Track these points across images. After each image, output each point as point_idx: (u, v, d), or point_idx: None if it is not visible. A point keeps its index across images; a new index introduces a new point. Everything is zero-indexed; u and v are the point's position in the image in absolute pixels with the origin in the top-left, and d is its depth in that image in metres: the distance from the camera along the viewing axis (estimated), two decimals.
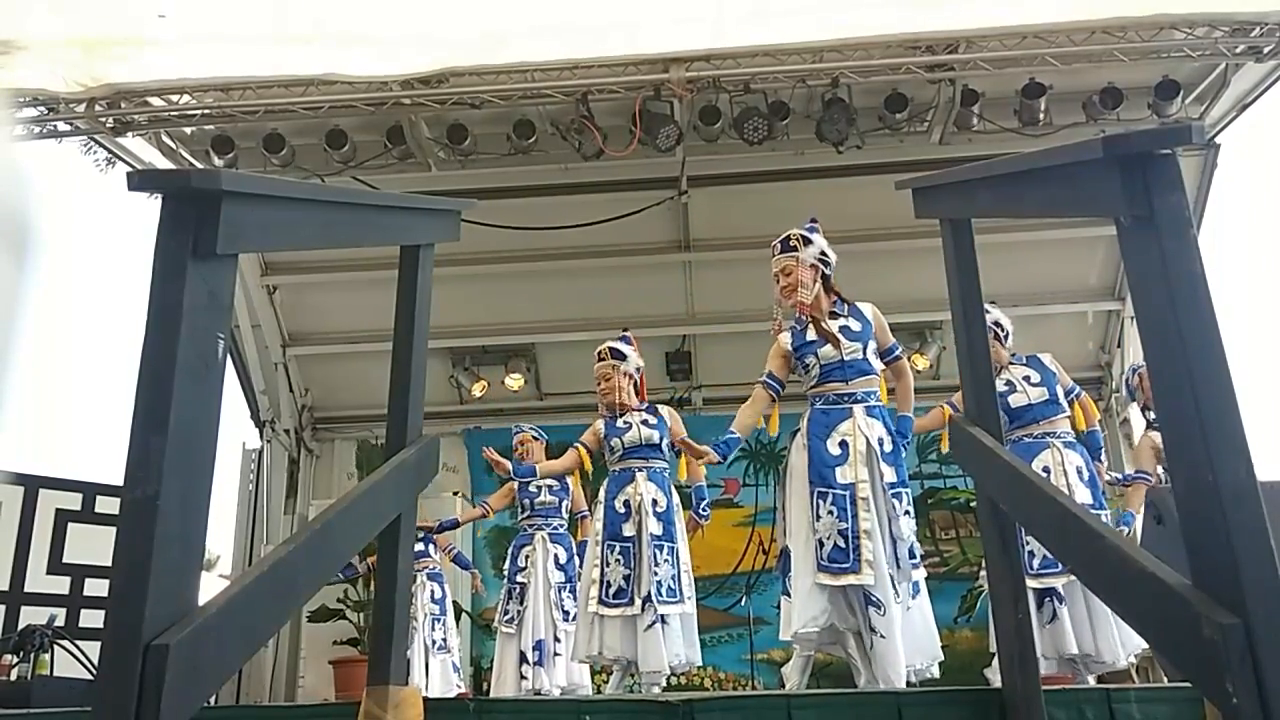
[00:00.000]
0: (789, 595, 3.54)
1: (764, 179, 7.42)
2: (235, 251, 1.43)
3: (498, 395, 8.31)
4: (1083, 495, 4.03)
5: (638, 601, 4.22)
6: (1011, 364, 4.40)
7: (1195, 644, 1.20)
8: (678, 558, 4.35)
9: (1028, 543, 3.74)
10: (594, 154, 6.39)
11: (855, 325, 3.74)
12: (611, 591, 4.31)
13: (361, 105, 6.03)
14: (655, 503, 4.41)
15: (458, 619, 6.81)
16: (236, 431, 8.33)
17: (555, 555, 5.44)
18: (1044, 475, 3.96)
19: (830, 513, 3.43)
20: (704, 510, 4.62)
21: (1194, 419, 1.25)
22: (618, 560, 4.34)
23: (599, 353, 4.82)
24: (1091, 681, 3.77)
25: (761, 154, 6.84)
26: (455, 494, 7.63)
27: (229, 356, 1.42)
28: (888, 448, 3.56)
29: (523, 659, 5.18)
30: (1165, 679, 4.15)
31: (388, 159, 6.70)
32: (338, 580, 6.33)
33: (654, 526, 4.34)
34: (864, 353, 3.68)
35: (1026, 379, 4.33)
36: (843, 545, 3.37)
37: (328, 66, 5.51)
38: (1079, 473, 4.11)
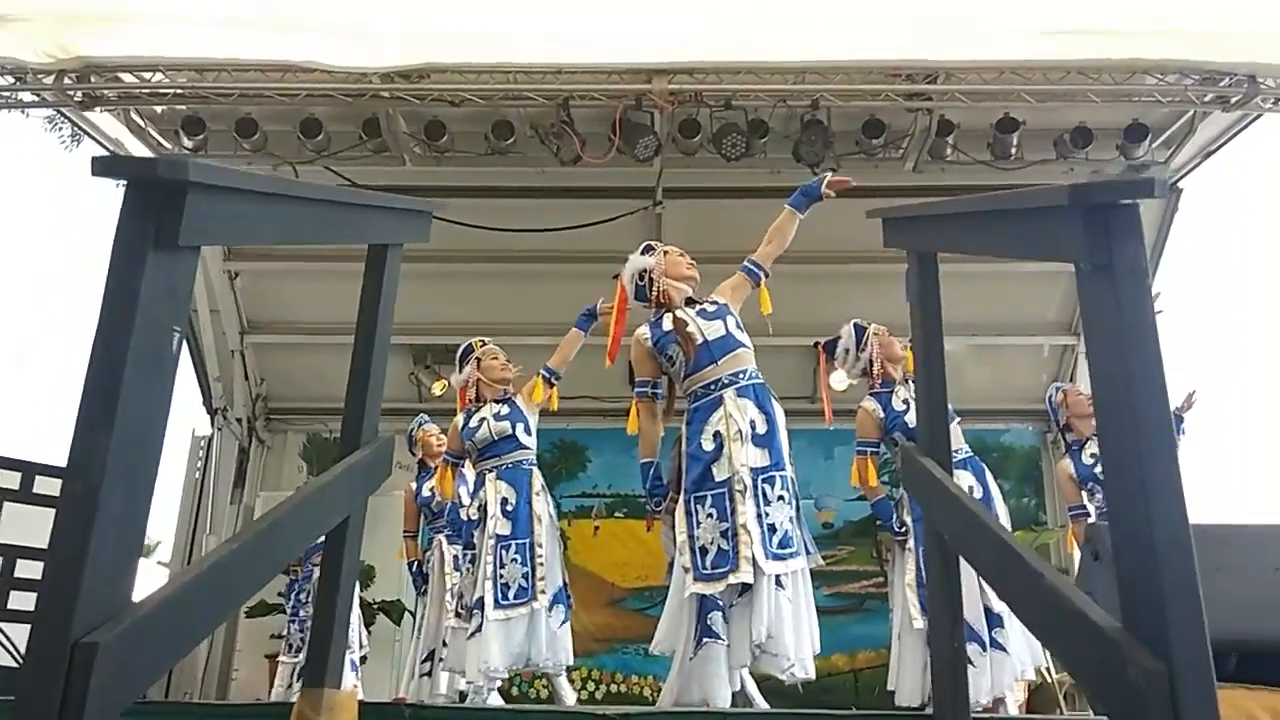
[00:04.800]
0: None
1: (739, 195, 7.44)
2: (199, 244, 1.42)
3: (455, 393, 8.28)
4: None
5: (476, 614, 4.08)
6: (914, 380, 4.43)
7: (1120, 687, 1.23)
8: (531, 555, 4.19)
9: None
10: (571, 160, 6.40)
11: (711, 307, 3.73)
12: (461, 603, 4.29)
13: (339, 95, 5.98)
14: (505, 501, 4.29)
15: (399, 619, 6.76)
16: (186, 417, 8.22)
17: (456, 557, 5.26)
18: None
19: (710, 515, 3.33)
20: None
21: (1135, 468, 1.28)
22: (468, 569, 4.31)
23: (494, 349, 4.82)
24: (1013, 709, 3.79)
25: (738, 170, 6.89)
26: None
27: (184, 342, 1.40)
28: (760, 429, 3.46)
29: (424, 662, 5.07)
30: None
31: (362, 151, 6.66)
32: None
33: (501, 526, 4.22)
34: (726, 328, 3.64)
35: (906, 401, 4.35)
36: (725, 547, 3.26)
37: (307, 54, 5.46)
38: (970, 492, 4.08)
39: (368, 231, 2.18)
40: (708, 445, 3.42)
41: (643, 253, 4.05)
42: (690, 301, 3.81)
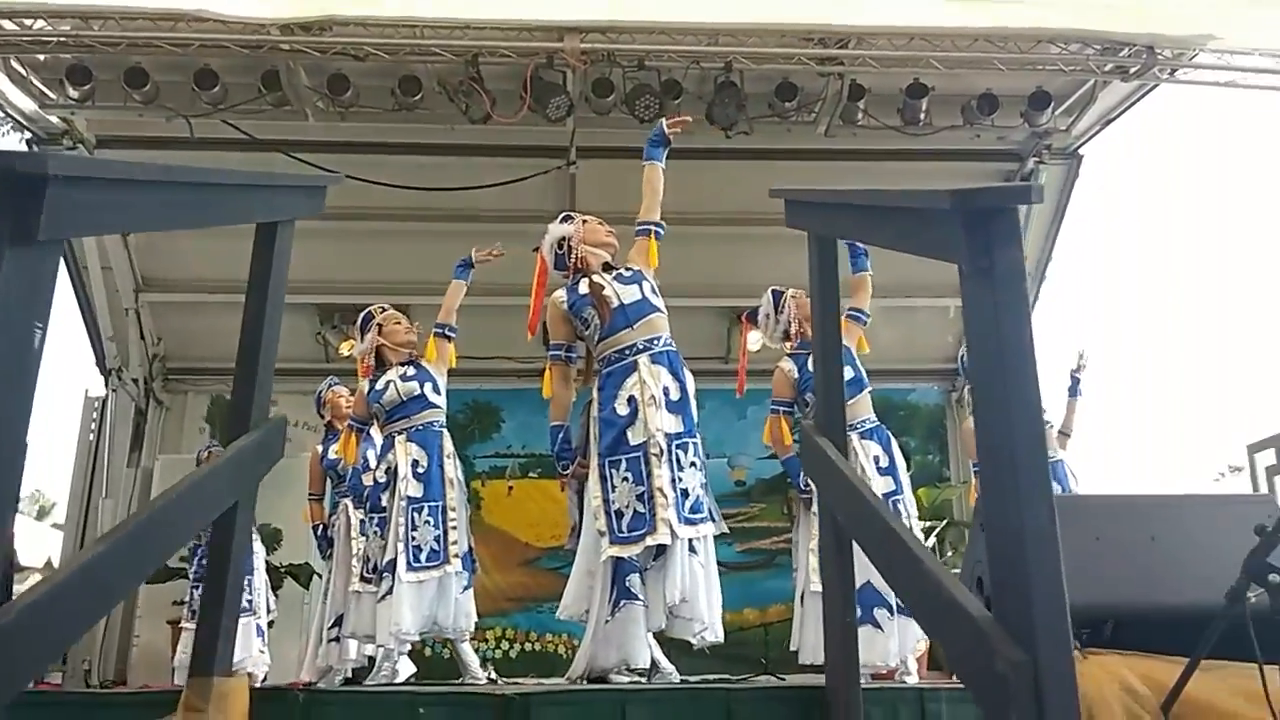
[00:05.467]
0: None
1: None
2: (63, 237, 1.35)
3: None
4: (880, 485, 4.12)
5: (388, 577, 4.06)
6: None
7: (988, 675, 1.28)
8: (443, 518, 4.17)
9: None
10: (481, 118, 6.27)
11: (627, 272, 3.73)
12: (369, 566, 4.27)
13: (235, 47, 5.74)
14: (416, 464, 4.25)
15: (307, 582, 6.67)
16: (79, 377, 7.91)
17: (362, 522, 5.09)
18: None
19: (626, 479, 3.34)
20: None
21: (1008, 466, 1.32)
22: (375, 533, 4.29)
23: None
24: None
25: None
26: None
27: (76, 298, 1.34)
28: (674, 396, 3.48)
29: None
30: None
31: (261, 104, 6.41)
32: None
33: (412, 489, 4.18)
34: (641, 292, 3.64)
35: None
36: (641, 510, 3.29)
37: (198, 3, 5.22)
38: (876, 461, 4.19)
39: (255, 211, 2.11)
40: (622, 410, 3.43)
41: (562, 221, 4.02)
42: (608, 267, 3.80)
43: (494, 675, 6.63)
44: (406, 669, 4.61)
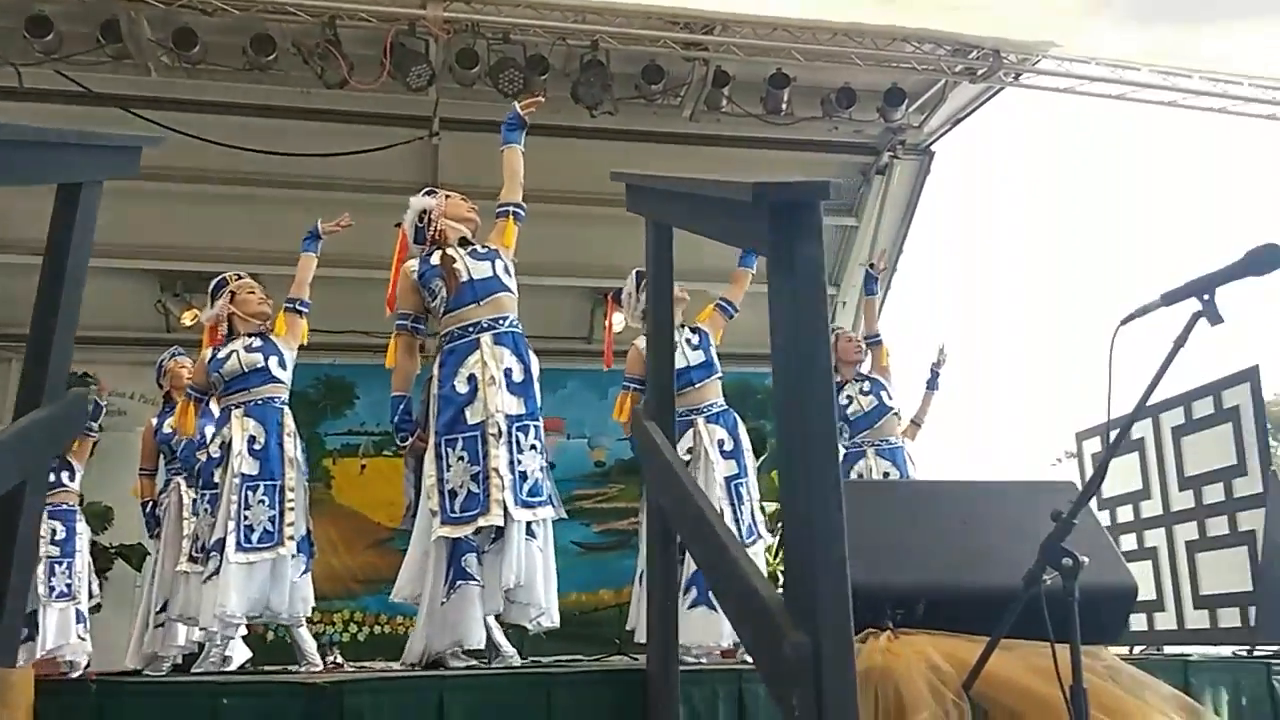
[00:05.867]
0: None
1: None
2: None
3: None
4: (725, 469, 4.21)
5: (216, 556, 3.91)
6: (686, 327, 4.45)
7: (775, 656, 1.31)
8: (280, 498, 4.03)
9: None
10: (337, 83, 6.07)
11: (483, 249, 3.69)
12: (198, 546, 4.13)
13: None
14: (253, 440, 4.09)
15: (139, 564, 6.37)
16: None
17: (195, 500, 4.78)
18: (688, 457, 4.10)
19: (461, 459, 3.29)
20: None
21: (800, 450, 1.35)
22: (205, 511, 4.14)
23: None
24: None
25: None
26: None
27: None
28: (517, 377, 3.44)
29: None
30: None
31: (100, 56, 6.03)
32: None
33: (247, 466, 4.02)
34: (493, 270, 3.59)
35: (687, 342, 4.39)
36: (475, 489, 3.24)
37: None
38: (721, 445, 4.25)
39: (54, 170, 1.97)
40: (461, 388, 3.38)
41: (424, 195, 3.93)
42: (464, 242, 3.74)
43: (339, 659, 6.49)
44: (241, 654, 4.45)
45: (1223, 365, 4.37)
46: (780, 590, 1.46)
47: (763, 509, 4.62)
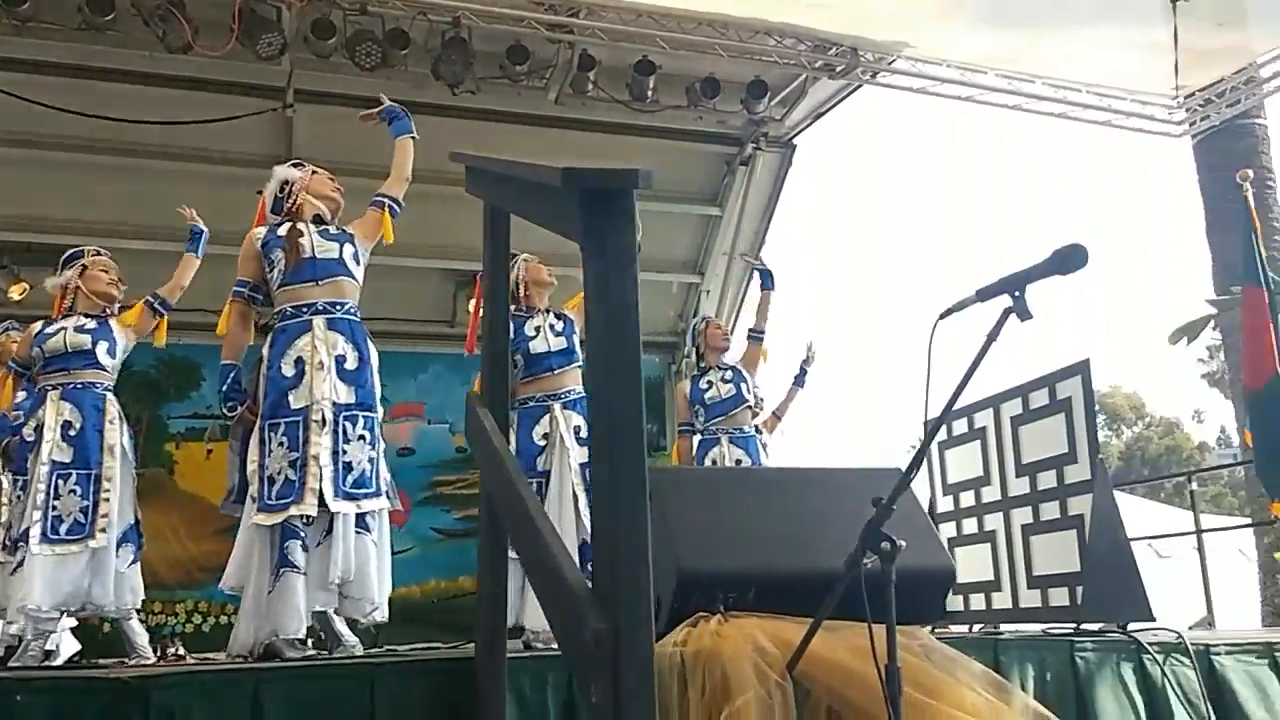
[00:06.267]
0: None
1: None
2: None
3: (43, 301, 7.29)
4: (580, 455, 4.16)
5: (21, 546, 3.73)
6: (548, 310, 4.46)
7: (577, 642, 1.31)
8: (95, 488, 3.84)
9: None
10: (180, 47, 5.77)
11: (335, 230, 3.60)
12: (9, 535, 3.93)
13: None
14: (68, 425, 3.89)
15: None
16: None
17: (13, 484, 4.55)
18: (543, 443, 4.10)
19: (282, 444, 3.20)
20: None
21: (605, 435, 1.35)
22: (17, 498, 3.94)
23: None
24: None
25: (379, 81, 6.56)
26: None
27: None
28: (350, 365, 3.36)
29: None
30: None
31: None
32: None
33: (59, 453, 3.83)
34: (340, 253, 3.50)
35: (551, 327, 4.39)
36: (292, 477, 3.15)
37: None
38: (577, 432, 4.23)
39: None
40: (288, 371, 3.27)
41: (291, 165, 3.80)
42: (319, 220, 3.62)
43: (181, 651, 6.22)
44: (69, 647, 4.22)
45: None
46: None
47: None
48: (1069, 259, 1.99)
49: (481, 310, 5.16)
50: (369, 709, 2.04)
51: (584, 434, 4.39)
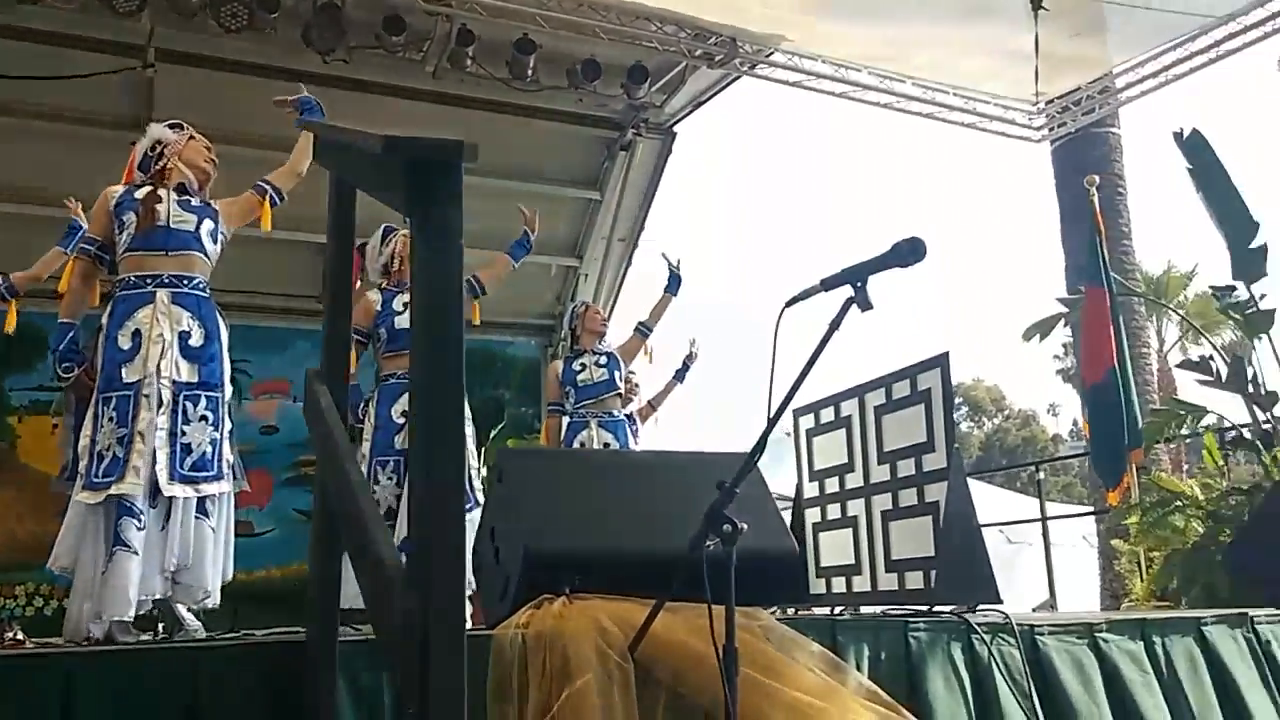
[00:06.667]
0: None
1: (248, 72, 6.83)
2: None
3: None
4: None
5: None
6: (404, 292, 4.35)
7: (389, 623, 1.29)
8: None
9: None
10: None
11: (198, 203, 3.46)
12: None
13: None
14: None
15: None
16: None
17: None
18: (403, 420, 4.03)
19: (111, 419, 3.06)
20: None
21: (425, 414, 1.33)
22: None
23: None
24: None
25: (249, 44, 6.35)
26: None
27: None
28: (195, 341, 3.23)
29: None
30: None
31: None
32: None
33: None
34: (197, 227, 3.37)
35: (407, 305, 4.27)
36: (119, 454, 3.02)
37: None
38: None
39: None
40: (124, 343, 3.12)
41: (169, 126, 3.61)
42: (184, 190, 3.45)
43: (20, 635, 5.88)
44: None
45: None
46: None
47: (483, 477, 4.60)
48: (908, 252, 2.05)
49: (357, 283, 5.10)
50: (190, 696, 1.97)
51: None
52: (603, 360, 5.70)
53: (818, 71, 6.85)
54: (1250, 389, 5.22)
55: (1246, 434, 5.32)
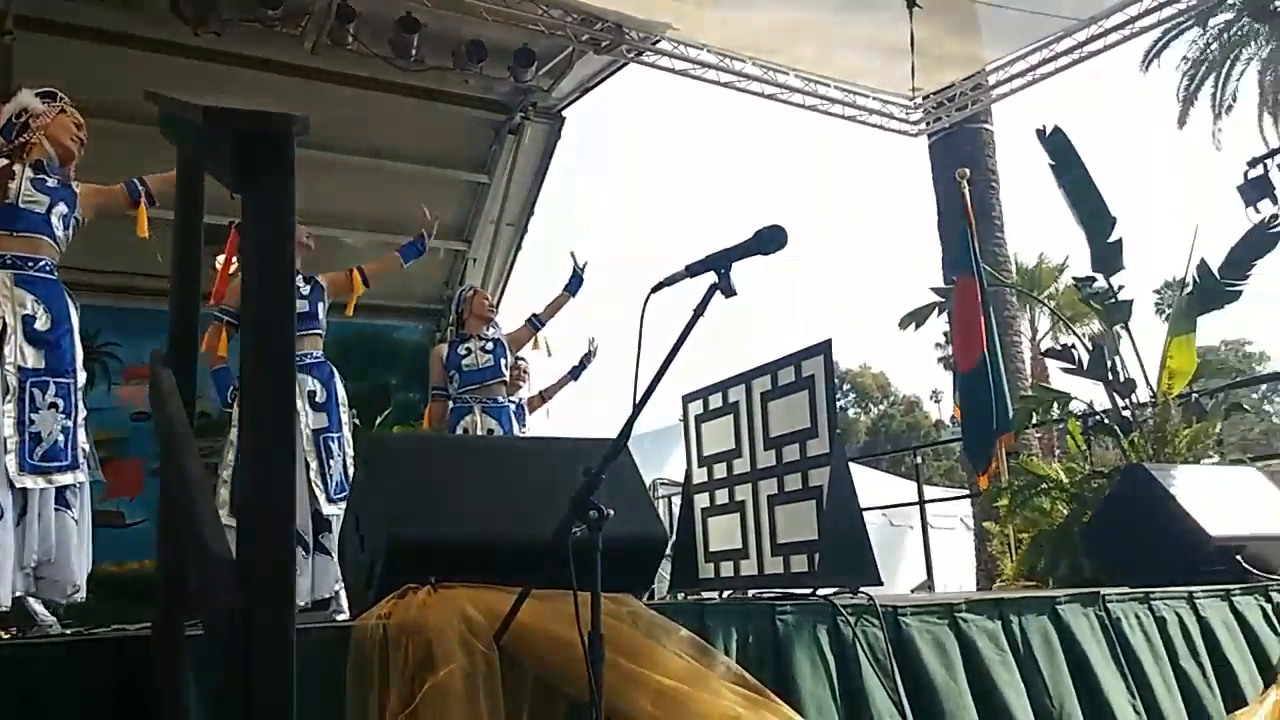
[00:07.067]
0: None
1: (115, 42, 6.51)
2: None
3: None
4: (315, 421, 4.10)
5: None
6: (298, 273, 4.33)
7: (215, 616, 1.23)
8: None
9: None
10: None
11: (55, 184, 3.31)
12: None
13: None
14: None
15: None
16: None
17: None
18: None
19: None
20: None
21: (254, 402, 1.26)
22: None
23: None
24: None
25: (108, 11, 6.04)
26: None
27: None
28: (41, 326, 3.11)
29: None
30: None
31: None
32: None
33: None
34: (48, 210, 3.22)
35: (297, 290, 4.24)
36: None
37: None
38: (311, 396, 4.12)
39: None
40: None
41: (39, 95, 3.40)
42: (41, 168, 3.24)
43: None
44: None
45: None
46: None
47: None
48: (769, 239, 2.06)
49: (231, 260, 4.90)
50: (14, 695, 1.85)
51: (320, 399, 4.23)
52: (489, 346, 5.63)
53: (703, 61, 6.88)
54: (1110, 377, 5.46)
55: (1107, 420, 5.57)
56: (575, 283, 5.87)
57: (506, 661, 2.27)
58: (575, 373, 6.83)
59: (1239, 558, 3.60)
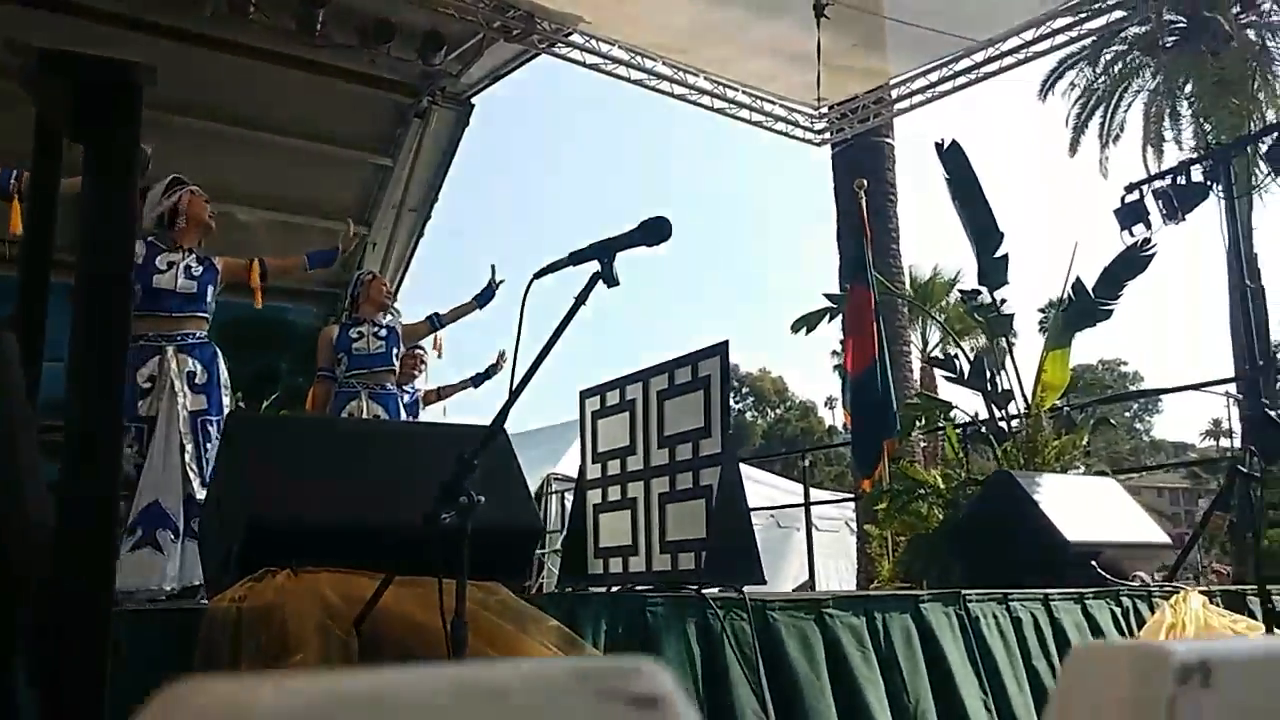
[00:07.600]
0: None
1: None
2: None
3: None
4: (193, 403, 4.00)
5: None
6: (192, 250, 4.15)
7: (29, 585, 1.17)
8: None
9: None
10: None
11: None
12: None
13: None
14: None
15: None
16: None
17: None
18: (149, 385, 3.86)
19: None
20: None
21: (81, 364, 1.21)
22: None
23: None
24: None
25: None
26: None
27: None
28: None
29: None
30: None
31: None
32: None
33: None
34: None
35: (186, 268, 4.08)
36: None
37: None
38: (190, 377, 4.03)
39: None
40: None
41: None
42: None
43: None
44: None
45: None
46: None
47: None
48: (654, 231, 2.08)
49: None
50: None
51: (200, 380, 4.10)
52: (382, 332, 5.51)
53: (615, 56, 6.88)
54: (989, 388, 5.66)
55: (985, 430, 5.76)
56: (487, 295, 5.79)
57: (367, 647, 2.23)
58: (477, 380, 6.72)
59: (1094, 563, 3.76)
